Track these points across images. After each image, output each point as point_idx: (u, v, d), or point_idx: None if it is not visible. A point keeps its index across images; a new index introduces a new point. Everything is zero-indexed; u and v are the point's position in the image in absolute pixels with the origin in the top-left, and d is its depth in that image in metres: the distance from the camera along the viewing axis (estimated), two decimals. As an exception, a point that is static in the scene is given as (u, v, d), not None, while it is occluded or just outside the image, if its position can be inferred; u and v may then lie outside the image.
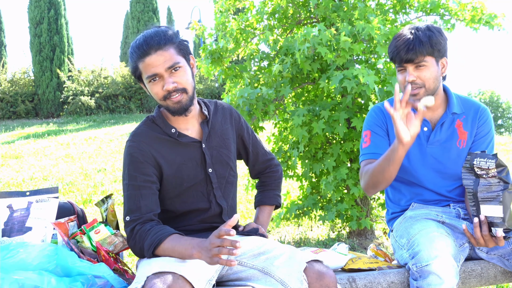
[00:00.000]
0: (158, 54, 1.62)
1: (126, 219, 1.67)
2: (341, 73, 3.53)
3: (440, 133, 2.02)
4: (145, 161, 1.69)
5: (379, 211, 4.51)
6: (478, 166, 1.79)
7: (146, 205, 1.66)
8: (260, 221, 1.99)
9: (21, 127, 14.71)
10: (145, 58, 1.63)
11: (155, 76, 1.64)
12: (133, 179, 1.68)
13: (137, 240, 1.63)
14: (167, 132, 1.75)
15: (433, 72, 1.91)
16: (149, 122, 1.77)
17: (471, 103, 2.07)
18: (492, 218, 1.79)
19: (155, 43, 1.62)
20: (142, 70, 1.65)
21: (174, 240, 1.57)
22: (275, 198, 2.04)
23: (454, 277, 1.71)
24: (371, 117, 2.10)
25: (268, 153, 2.05)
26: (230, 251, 1.39)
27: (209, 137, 1.81)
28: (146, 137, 1.73)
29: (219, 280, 1.69)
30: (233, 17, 4.45)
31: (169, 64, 1.63)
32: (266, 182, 2.06)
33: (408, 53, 1.87)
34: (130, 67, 1.70)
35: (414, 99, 1.93)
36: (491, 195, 1.79)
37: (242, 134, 1.93)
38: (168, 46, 1.64)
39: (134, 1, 18.76)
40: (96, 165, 8.33)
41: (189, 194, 1.77)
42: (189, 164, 1.76)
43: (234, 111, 1.93)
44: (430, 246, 1.76)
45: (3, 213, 1.88)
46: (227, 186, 1.84)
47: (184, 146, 1.76)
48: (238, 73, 4.34)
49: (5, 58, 20.75)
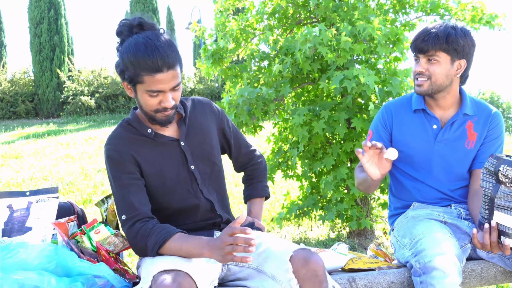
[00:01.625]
0: (169, 73, 1.58)
1: (122, 218, 1.66)
2: (341, 73, 3.53)
3: (449, 132, 2.03)
4: (125, 160, 1.69)
5: (379, 211, 4.51)
6: (503, 173, 1.69)
7: (138, 200, 1.66)
8: (253, 214, 2.00)
9: (21, 127, 14.71)
10: (155, 74, 1.57)
11: (159, 92, 1.61)
12: (118, 179, 1.68)
13: (139, 239, 1.62)
14: (143, 133, 1.74)
15: (444, 69, 1.93)
16: (124, 125, 1.76)
17: (484, 106, 2.08)
18: (504, 227, 1.72)
19: (172, 61, 1.58)
20: (147, 82, 1.59)
21: (180, 239, 1.57)
22: (264, 189, 2.05)
23: (457, 275, 1.70)
24: (377, 117, 2.15)
25: (250, 145, 2.04)
26: (245, 248, 1.40)
27: (188, 134, 1.80)
28: (122, 139, 1.72)
29: (219, 282, 1.69)
30: (233, 17, 4.45)
31: (175, 83, 1.62)
32: (252, 175, 2.06)
33: (422, 43, 1.93)
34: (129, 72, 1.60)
35: (418, 90, 1.96)
36: (509, 204, 1.70)
37: (223, 127, 1.92)
38: (177, 65, 1.62)
39: (134, 1, 18.76)
40: (96, 165, 8.33)
41: (176, 193, 1.76)
42: (169, 163, 1.75)
43: (213, 105, 1.91)
44: (434, 245, 1.77)
45: (3, 213, 1.88)
46: (212, 181, 1.84)
47: (162, 145, 1.76)
48: (238, 73, 4.34)
49: (5, 58, 20.74)
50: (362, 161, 1.87)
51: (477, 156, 2.04)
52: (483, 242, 1.77)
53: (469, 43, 1.95)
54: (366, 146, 1.83)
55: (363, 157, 1.86)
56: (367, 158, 1.87)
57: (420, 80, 1.96)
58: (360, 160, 1.87)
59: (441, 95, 2.00)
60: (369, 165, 1.87)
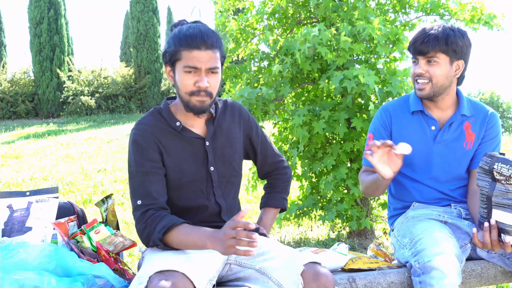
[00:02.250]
0: (207, 52, 1.65)
1: (138, 203, 1.67)
2: (341, 73, 3.53)
3: (447, 133, 2.03)
4: (150, 148, 1.71)
5: (379, 211, 4.51)
6: (498, 171, 1.71)
7: (156, 190, 1.68)
8: (263, 222, 1.99)
9: (21, 127, 14.71)
10: (193, 50, 1.64)
11: (194, 69, 1.65)
12: (140, 165, 1.69)
13: (149, 223, 1.63)
14: (172, 125, 1.76)
15: (444, 71, 1.94)
16: (155, 113, 1.79)
17: (481, 107, 2.09)
18: (504, 224, 1.73)
19: (210, 42, 1.65)
20: (184, 58, 1.65)
21: (186, 229, 1.58)
22: (281, 201, 2.03)
23: (456, 275, 1.70)
24: (377, 119, 2.14)
25: (278, 155, 2.03)
26: (250, 243, 1.41)
27: (214, 135, 1.81)
28: (150, 126, 1.74)
29: (219, 281, 1.69)
30: (233, 17, 4.45)
31: (212, 65, 1.66)
32: (273, 184, 2.05)
33: (421, 45, 1.93)
34: (169, 49, 1.69)
35: (420, 94, 1.96)
36: (507, 201, 1.71)
37: (250, 134, 1.93)
38: (216, 50, 1.67)
39: (134, 1, 18.74)
40: (96, 165, 8.33)
41: (188, 190, 1.77)
42: (190, 159, 1.76)
43: (243, 111, 1.93)
44: (434, 245, 1.77)
45: (3, 213, 1.88)
46: (228, 185, 1.84)
47: (187, 141, 1.77)
48: (238, 73, 4.34)
49: (5, 58, 20.74)
50: (373, 162, 1.84)
51: (475, 156, 2.05)
52: (483, 241, 1.77)
53: (467, 44, 1.96)
54: (375, 146, 1.81)
55: (372, 158, 1.84)
56: (377, 158, 1.85)
57: (421, 82, 1.96)
58: (371, 162, 1.85)
59: (441, 97, 2.00)
60: (380, 165, 1.85)
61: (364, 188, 2.09)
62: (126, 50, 21.52)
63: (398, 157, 1.84)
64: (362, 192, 2.12)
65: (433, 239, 1.80)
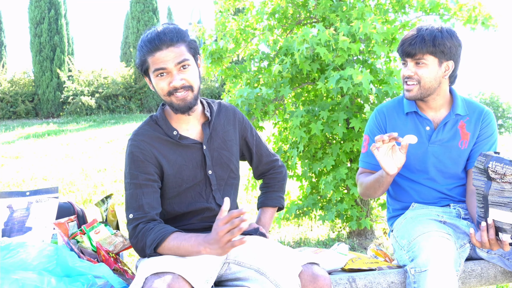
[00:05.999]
0: (169, 50, 1.64)
1: (130, 217, 1.67)
2: (338, 73, 3.53)
3: (442, 133, 2.03)
4: (146, 160, 1.70)
5: (379, 211, 4.51)
6: (493, 169, 1.71)
7: (148, 203, 1.67)
8: (262, 222, 1.99)
9: (21, 127, 14.71)
10: (155, 53, 1.63)
11: (163, 70, 1.64)
12: (134, 177, 1.69)
13: (140, 238, 1.63)
14: (169, 134, 1.75)
15: (432, 72, 1.94)
16: (151, 122, 1.78)
17: (476, 106, 2.08)
18: (501, 223, 1.73)
19: (168, 39, 1.63)
20: (151, 63, 1.65)
21: (178, 238, 1.58)
22: (278, 200, 2.03)
23: (451, 284, 1.68)
24: (371, 121, 2.14)
25: (272, 154, 2.04)
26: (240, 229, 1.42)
27: (211, 138, 1.81)
28: (147, 136, 1.73)
29: (218, 280, 1.70)
30: (233, 17, 4.45)
31: (179, 59, 1.64)
32: (269, 184, 2.05)
33: (409, 47, 1.92)
34: (138, 60, 1.70)
35: (408, 95, 1.97)
36: (503, 200, 1.71)
37: (245, 135, 1.93)
38: (179, 44, 1.66)
39: (134, 1, 18.75)
40: (96, 165, 8.33)
41: (188, 195, 1.77)
42: (189, 165, 1.76)
43: (238, 112, 1.93)
44: (430, 250, 1.76)
45: (3, 213, 1.88)
46: (227, 188, 1.85)
47: (185, 147, 1.77)
48: (238, 73, 4.34)
49: (5, 58, 20.75)
50: (379, 157, 1.84)
51: (471, 155, 2.05)
52: (481, 240, 1.77)
53: (456, 44, 1.95)
54: (381, 139, 1.81)
55: (378, 152, 1.84)
56: (382, 153, 1.85)
57: (410, 84, 1.97)
58: (376, 157, 1.84)
59: (431, 97, 2.01)
60: (384, 160, 1.85)
61: (363, 189, 2.08)
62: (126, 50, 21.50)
63: (402, 151, 1.84)
64: (361, 194, 2.11)
65: (429, 243, 1.79)
